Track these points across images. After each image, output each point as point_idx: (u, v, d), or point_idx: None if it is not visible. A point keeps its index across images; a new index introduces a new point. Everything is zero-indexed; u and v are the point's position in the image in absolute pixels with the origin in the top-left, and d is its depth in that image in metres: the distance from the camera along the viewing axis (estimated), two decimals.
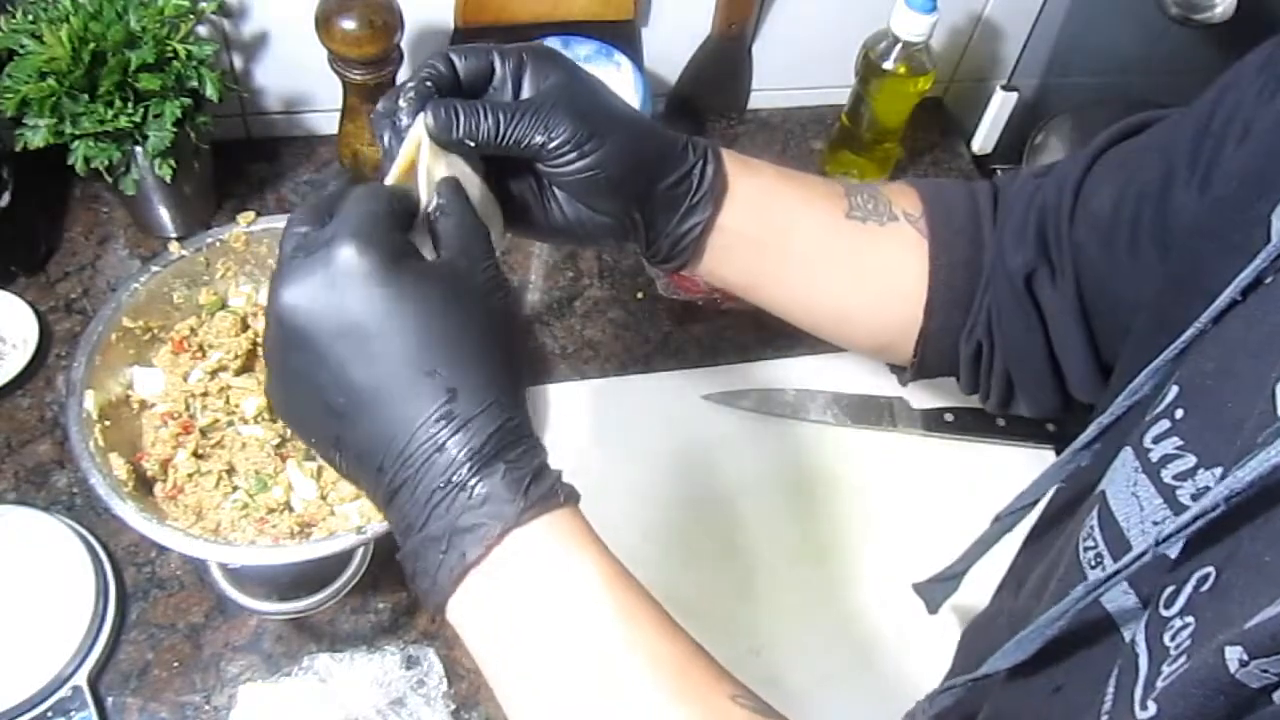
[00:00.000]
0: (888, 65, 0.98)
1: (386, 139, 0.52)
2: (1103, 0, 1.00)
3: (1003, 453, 0.92)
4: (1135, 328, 0.56)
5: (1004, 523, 0.59)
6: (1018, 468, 0.91)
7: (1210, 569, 0.38)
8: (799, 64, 1.12)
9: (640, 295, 0.98)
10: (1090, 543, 0.46)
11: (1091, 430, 0.51)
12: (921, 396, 0.93)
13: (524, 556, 0.44)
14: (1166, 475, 0.43)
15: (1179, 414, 0.43)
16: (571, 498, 0.46)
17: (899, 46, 0.97)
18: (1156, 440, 0.44)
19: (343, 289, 0.44)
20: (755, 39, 1.09)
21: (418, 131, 0.51)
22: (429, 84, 0.52)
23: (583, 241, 0.60)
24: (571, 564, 0.45)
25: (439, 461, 0.43)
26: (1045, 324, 0.64)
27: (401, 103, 0.51)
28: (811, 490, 0.88)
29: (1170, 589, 0.39)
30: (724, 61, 1.09)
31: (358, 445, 0.45)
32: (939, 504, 0.88)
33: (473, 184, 0.53)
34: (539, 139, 0.52)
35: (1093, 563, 0.46)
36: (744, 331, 0.97)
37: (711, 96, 1.13)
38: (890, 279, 0.66)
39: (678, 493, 0.86)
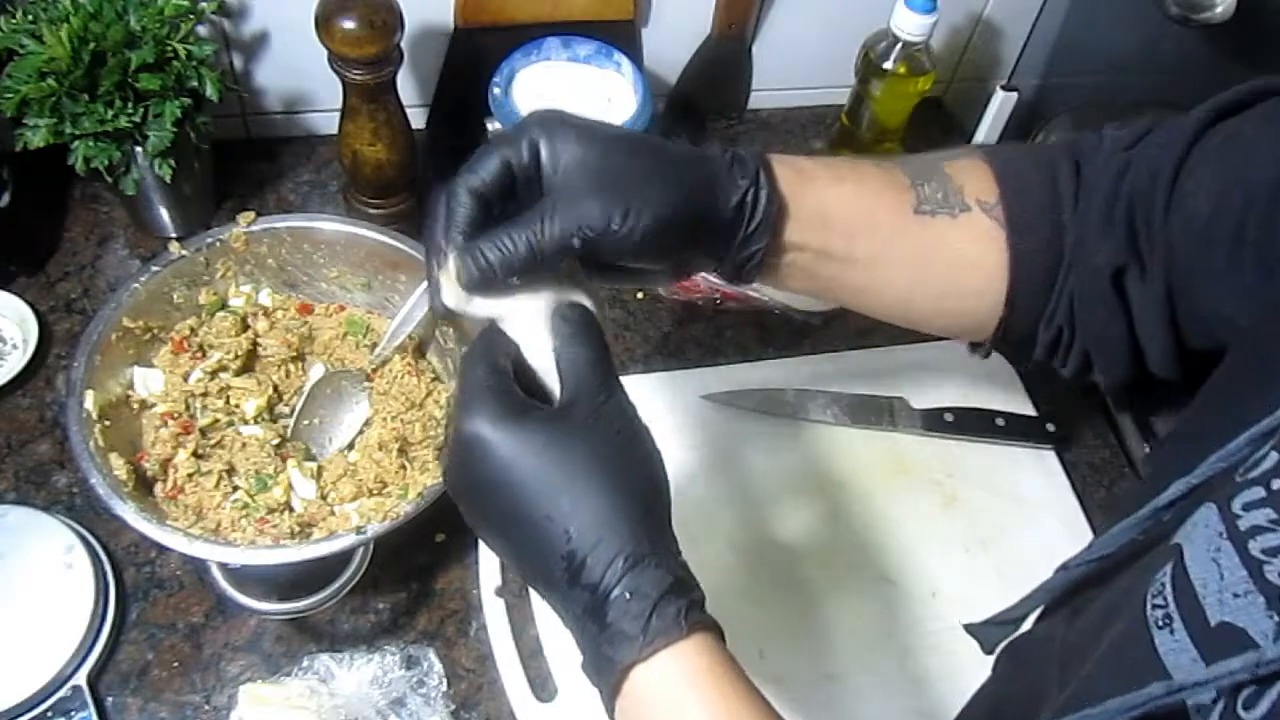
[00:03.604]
0: (888, 65, 0.98)
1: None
2: (1103, 0, 1.00)
3: (1003, 452, 0.92)
4: (1229, 359, 0.52)
5: (1070, 573, 0.56)
6: (1018, 468, 0.91)
7: None
8: (799, 64, 1.12)
9: (640, 295, 0.98)
10: (1159, 600, 0.43)
11: (1178, 488, 0.48)
12: (921, 396, 0.93)
13: (648, 691, 0.47)
14: (1254, 548, 0.40)
15: (1276, 485, 0.40)
16: (700, 625, 0.48)
17: (899, 46, 0.97)
18: (1247, 508, 0.41)
19: (464, 453, 0.50)
20: (755, 39, 1.09)
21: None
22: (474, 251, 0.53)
23: (651, 283, 0.62)
24: (688, 700, 0.47)
25: (574, 597, 0.48)
26: (1130, 314, 0.60)
27: (450, 267, 0.53)
28: (811, 490, 0.88)
29: (1250, 690, 0.37)
30: (724, 61, 1.09)
31: (520, 570, 0.52)
32: (939, 504, 0.88)
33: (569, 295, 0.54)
34: (575, 242, 0.52)
35: (1160, 623, 0.43)
36: (744, 331, 0.97)
37: (711, 96, 1.13)
38: (966, 272, 0.63)
39: (677, 493, 0.85)
